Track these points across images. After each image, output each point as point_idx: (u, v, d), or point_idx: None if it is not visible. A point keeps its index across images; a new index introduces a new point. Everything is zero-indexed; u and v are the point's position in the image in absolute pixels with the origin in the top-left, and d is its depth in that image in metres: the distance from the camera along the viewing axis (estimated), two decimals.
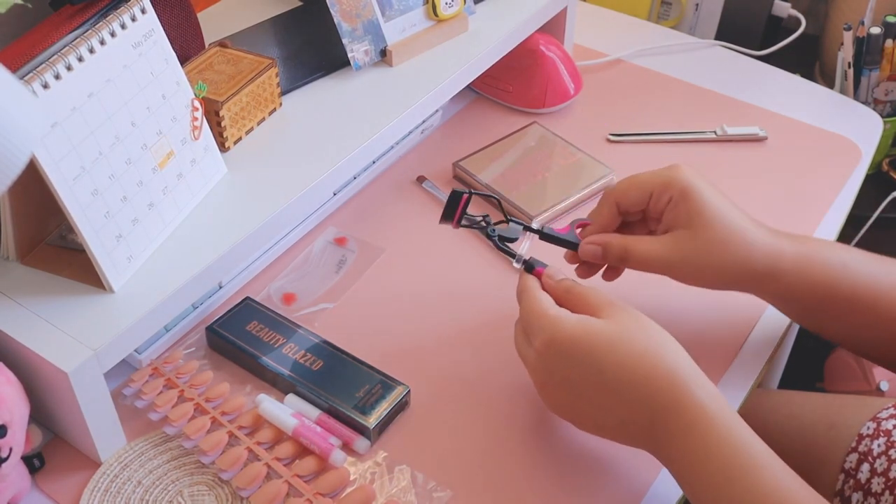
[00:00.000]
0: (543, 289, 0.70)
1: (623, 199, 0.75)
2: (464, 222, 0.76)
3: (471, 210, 0.76)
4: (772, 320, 0.83)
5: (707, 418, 0.61)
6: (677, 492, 0.70)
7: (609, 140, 1.02)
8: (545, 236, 0.77)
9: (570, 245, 0.77)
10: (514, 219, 0.76)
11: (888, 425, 0.80)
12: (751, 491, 0.59)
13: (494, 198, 0.78)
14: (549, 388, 0.67)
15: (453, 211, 0.75)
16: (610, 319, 0.65)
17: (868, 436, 0.80)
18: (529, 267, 0.72)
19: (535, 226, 0.77)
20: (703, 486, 0.61)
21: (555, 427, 0.74)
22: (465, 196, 0.75)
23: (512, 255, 0.74)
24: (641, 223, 0.77)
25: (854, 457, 0.80)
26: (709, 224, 0.71)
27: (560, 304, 0.68)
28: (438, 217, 0.75)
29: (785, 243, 0.72)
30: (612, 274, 0.78)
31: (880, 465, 0.78)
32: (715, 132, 1.02)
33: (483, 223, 0.76)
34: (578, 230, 0.77)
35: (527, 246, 0.75)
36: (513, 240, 0.75)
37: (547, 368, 0.66)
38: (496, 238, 0.75)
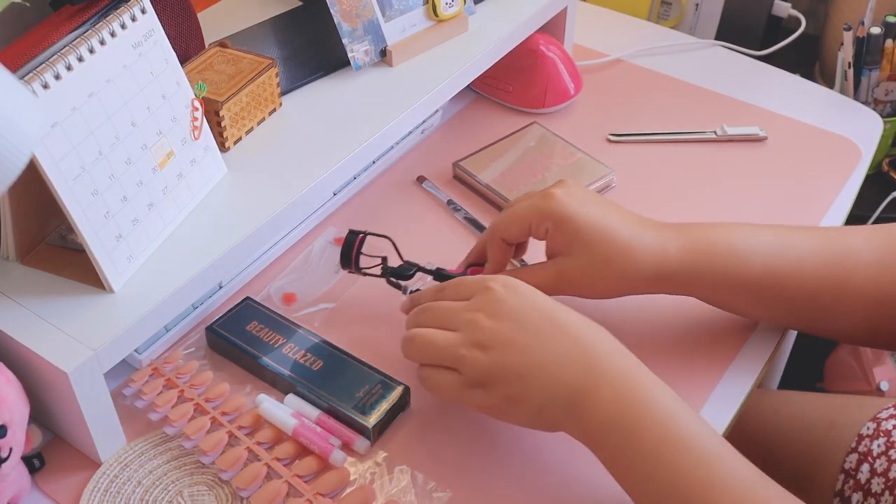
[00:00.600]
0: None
1: (506, 234, 0.76)
2: (361, 266, 0.81)
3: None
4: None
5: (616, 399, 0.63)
6: None
7: (609, 140, 1.02)
8: (439, 277, 0.80)
9: None
10: (409, 260, 0.81)
11: (888, 425, 0.80)
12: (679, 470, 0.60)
13: (389, 238, 0.82)
14: (499, 356, 0.66)
15: (350, 252, 0.80)
16: (508, 288, 0.67)
17: (868, 436, 0.80)
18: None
19: (428, 267, 0.80)
20: (634, 473, 0.62)
21: None
22: (360, 237, 0.80)
23: (399, 287, 0.80)
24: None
25: (854, 457, 0.80)
26: (586, 247, 0.73)
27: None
28: (439, 217, 0.76)
29: (671, 243, 0.73)
30: None
31: (880, 465, 0.78)
32: (715, 132, 1.02)
33: (380, 266, 0.80)
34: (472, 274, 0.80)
35: (419, 284, 0.80)
36: (407, 277, 0.80)
37: (498, 333, 0.65)
38: (388, 275, 0.80)
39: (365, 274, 0.81)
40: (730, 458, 0.60)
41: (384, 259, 0.81)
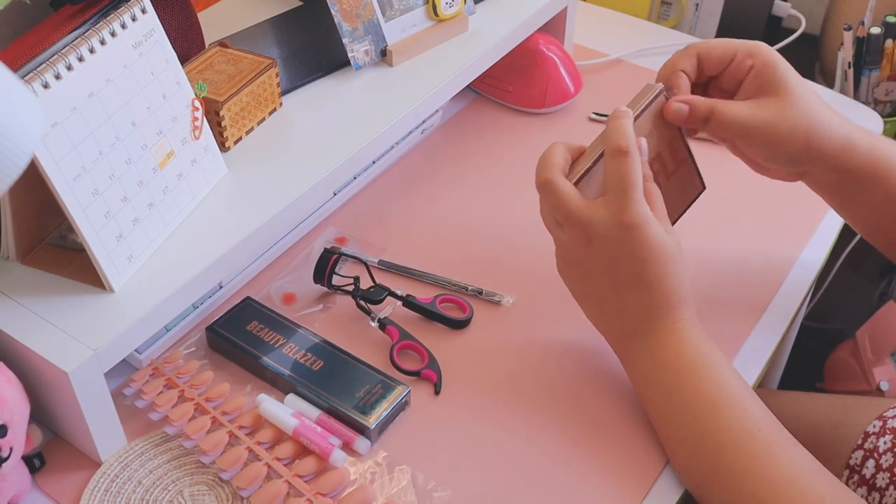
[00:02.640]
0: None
1: (706, 54, 0.76)
2: (334, 284, 0.82)
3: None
4: (772, 321, 0.83)
5: (683, 334, 0.70)
6: (676, 493, 0.70)
7: (591, 119, 1.03)
8: (408, 304, 0.82)
9: (431, 315, 0.82)
10: (380, 284, 0.83)
11: (895, 423, 0.80)
12: (699, 385, 0.68)
13: (363, 261, 0.84)
14: (584, 254, 0.71)
15: (324, 270, 0.82)
16: (673, 236, 0.70)
17: (874, 433, 0.80)
18: (382, 325, 0.80)
19: (398, 293, 0.82)
20: (660, 384, 0.70)
21: (555, 427, 0.74)
22: (334, 257, 0.82)
23: (368, 312, 0.81)
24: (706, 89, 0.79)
25: (859, 454, 0.80)
26: (793, 93, 0.73)
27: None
28: (441, 218, 0.76)
29: (857, 133, 0.75)
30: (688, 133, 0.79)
31: (886, 461, 0.78)
32: None
33: (352, 286, 0.82)
34: (441, 304, 0.82)
35: (389, 309, 0.81)
36: (377, 302, 0.81)
37: (600, 240, 0.70)
38: (358, 297, 0.81)
39: (337, 291, 0.83)
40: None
41: (356, 280, 0.82)
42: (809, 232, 0.92)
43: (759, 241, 0.91)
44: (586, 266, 0.72)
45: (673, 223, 0.76)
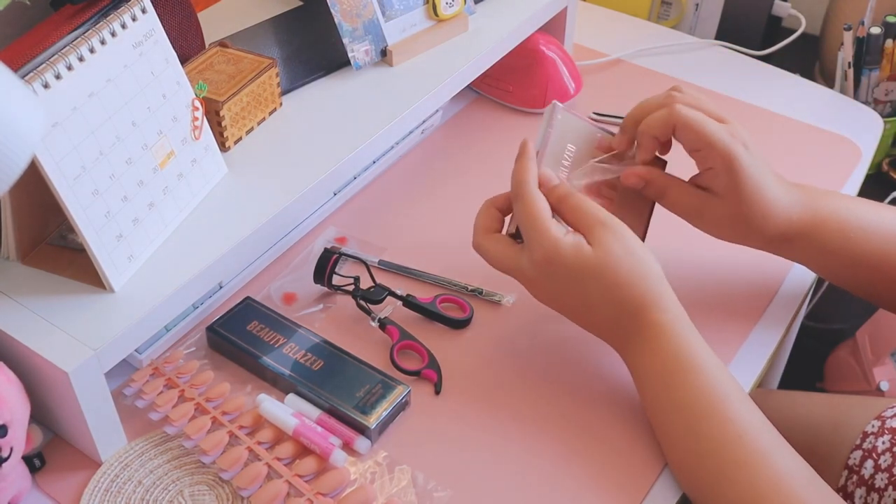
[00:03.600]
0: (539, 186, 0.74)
1: (680, 133, 0.76)
2: (334, 284, 0.83)
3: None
4: (772, 321, 0.83)
5: (662, 336, 0.70)
6: (676, 493, 0.70)
7: (591, 119, 1.03)
8: (408, 304, 0.82)
9: (431, 315, 0.82)
10: (380, 284, 0.83)
11: (893, 423, 0.80)
12: (686, 390, 0.69)
13: (363, 261, 0.84)
14: (539, 290, 0.74)
15: (324, 270, 0.82)
16: (599, 247, 0.70)
17: (873, 433, 0.80)
18: (382, 325, 0.80)
19: (398, 293, 0.82)
20: (651, 388, 0.71)
21: (555, 427, 0.74)
22: (334, 257, 0.82)
23: (368, 312, 0.80)
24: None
25: (858, 454, 0.80)
26: (739, 199, 0.75)
27: (554, 209, 0.73)
28: (441, 218, 0.76)
29: (795, 212, 0.77)
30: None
31: (884, 461, 0.78)
32: None
33: (352, 286, 0.82)
34: (441, 304, 0.82)
35: (389, 309, 0.81)
36: (377, 302, 0.82)
37: (539, 279, 0.72)
38: (359, 297, 0.81)
39: (337, 290, 0.83)
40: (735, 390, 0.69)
41: (356, 279, 0.82)
42: None
43: None
44: (549, 299, 0.74)
45: (643, 235, 0.79)
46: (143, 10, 0.72)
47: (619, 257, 0.70)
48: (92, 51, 0.68)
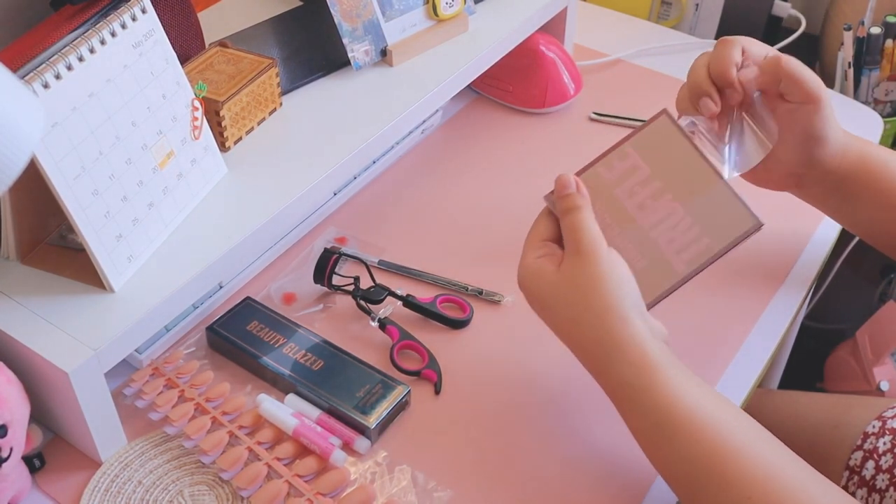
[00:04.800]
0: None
1: (748, 50, 0.74)
2: (334, 284, 0.83)
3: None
4: (772, 320, 0.83)
5: (633, 399, 0.64)
6: (674, 498, 0.70)
7: (591, 119, 1.03)
8: (408, 304, 0.82)
9: (431, 315, 0.82)
10: (380, 284, 0.82)
11: (894, 424, 0.80)
12: (677, 455, 0.62)
13: (363, 261, 0.84)
14: (530, 305, 0.71)
15: (324, 270, 0.82)
16: (563, 273, 0.66)
17: (873, 434, 0.80)
18: (382, 325, 0.79)
19: (398, 293, 0.82)
20: (644, 447, 0.65)
21: (554, 428, 0.74)
22: (334, 257, 0.82)
23: (368, 312, 0.80)
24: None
25: (859, 454, 0.80)
26: (823, 105, 0.73)
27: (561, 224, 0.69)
28: (441, 218, 0.76)
29: (851, 146, 0.77)
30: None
31: (885, 462, 0.78)
32: None
33: (352, 286, 0.82)
34: (441, 304, 0.82)
35: (389, 309, 0.81)
36: (377, 301, 0.81)
37: (523, 293, 0.70)
38: (359, 297, 0.81)
39: (337, 290, 0.83)
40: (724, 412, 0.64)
41: (356, 280, 0.82)
42: (809, 232, 0.92)
43: (759, 241, 0.90)
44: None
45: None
46: (143, 10, 0.72)
47: (576, 290, 0.66)
48: (92, 51, 0.68)
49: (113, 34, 0.70)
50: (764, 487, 0.59)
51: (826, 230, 0.92)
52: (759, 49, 0.75)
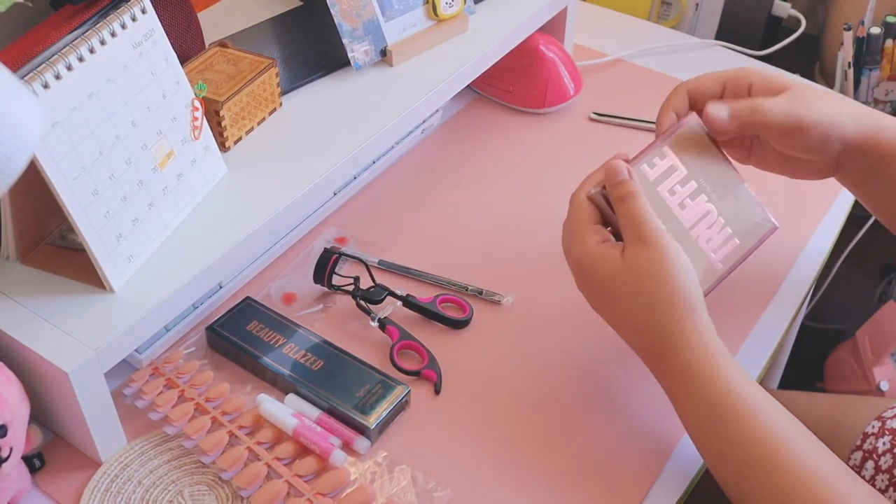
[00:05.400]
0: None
1: (696, 87, 0.75)
2: (334, 284, 0.83)
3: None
4: (772, 320, 0.83)
5: (691, 381, 0.66)
6: (676, 494, 0.70)
7: (591, 119, 1.03)
8: (408, 304, 0.82)
9: (431, 315, 0.81)
10: (380, 284, 0.82)
11: (893, 424, 0.80)
12: (728, 441, 0.64)
13: (363, 261, 0.84)
14: (583, 290, 0.72)
15: (324, 270, 0.82)
16: (627, 263, 0.67)
17: (873, 434, 0.80)
18: (382, 325, 0.79)
19: (398, 293, 0.82)
20: (693, 433, 0.67)
21: (554, 428, 0.74)
22: (334, 257, 0.82)
23: (368, 312, 0.80)
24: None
25: (859, 455, 0.80)
26: (803, 84, 0.73)
27: (612, 207, 0.69)
28: (441, 218, 0.76)
29: (849, 119, 0.74)
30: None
31: (885, 462, 0.78)
32: None
33: (352, 286, 0.82)
34: (441, 304, 0.82)
35: (389, 309, 0.81)
36: (377, 301, 0.81)
37: (578, 278, 0.71)
38: (358, 297, 0.81)
39: (337, 290, 0.83)
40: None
41: (356, 280, 0.82)
42: (809, 232, 0.92)
43: None
44: (594, 307, 0.72)
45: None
46: (143, 11, 0.72)
47: (643, 278, 0.66)
48: (92, 51, 0.68)
49: (113, 34, 0.70)
50: (808, 478, 0.61)
51: (826, 230, 0.92)
52: (710, 84, 0.75)
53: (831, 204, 0.94)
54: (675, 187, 0.73)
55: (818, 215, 0.93)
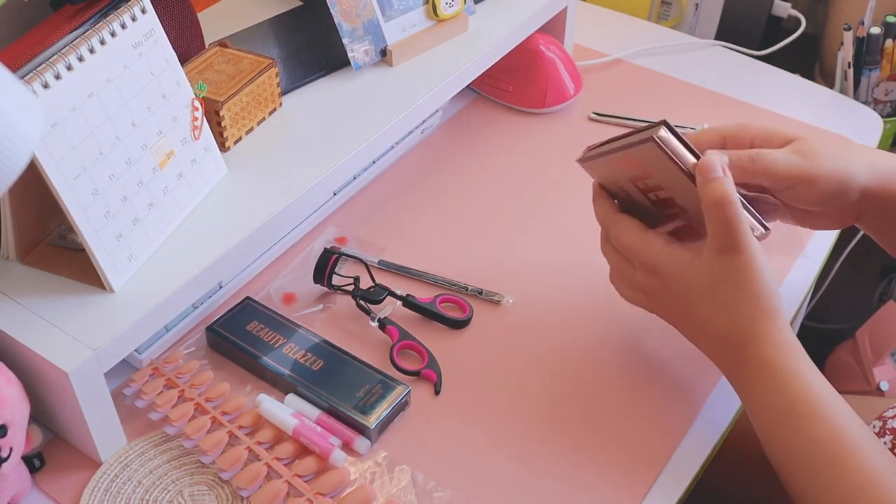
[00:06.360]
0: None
1: (696, 139, 0.73)
2: (334, 284, 0.83)
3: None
4: None
5: (770, 375, 0.66)
6: (677, 492, 0.70)
7: (591, 118, 1.03)
8: (408, 304, 0.82)
9: (431, 315, 0.81)
10: (380, 284, 0.82)
11: (894, 424, 0.80)
12: (801, 438, 0.65)
13: (363, 261, 0.84)
14: (653, 303, 0.73)
15: (324, 270, 0.82)
16: (712, 267, 0.67)
17: (874, 434, 0.80)
18: (382, 325, 0.79)
19: (398, 293, 0.82)
20: (764, 430, 0.67)
21: (554, 427, 0.74)
22: (334, 257, 0.82)
23: (368, 312, 0.80)
24: None
25: None
26: (813, 136, 0.72)
27: (703, 202, 0.67)
28: (441, 218, 0.76)
29: (861, 169, 0.73)
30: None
31: None
32: (695, 129, 1.02)
33: (352, 286, 0.82)
34: (441, 304, 0.82)
35: (389, 309, 0.81)
36: (377, 302, 0.81)
37: (650, 290, 0.72)
38: (358, 297, 0.81)
39: (337, 290, 0.83)
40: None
41: (356, 280, 0.82)
42: (809, 232, 0.92)
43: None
44: (661, 311, 0.74)
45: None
46: (143, 11, 0.72)
47: (730, 284, 0.67)
48: (92, 51, 0.68)
49: (113, 34, 0.70)
50: (876, 480, 0.62)
51: (826, 230, 0.92)
52: (708, 137, 0.75)
53: None
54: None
55: None
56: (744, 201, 0.68)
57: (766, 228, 0.70)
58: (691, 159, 0.68)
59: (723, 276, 0.67)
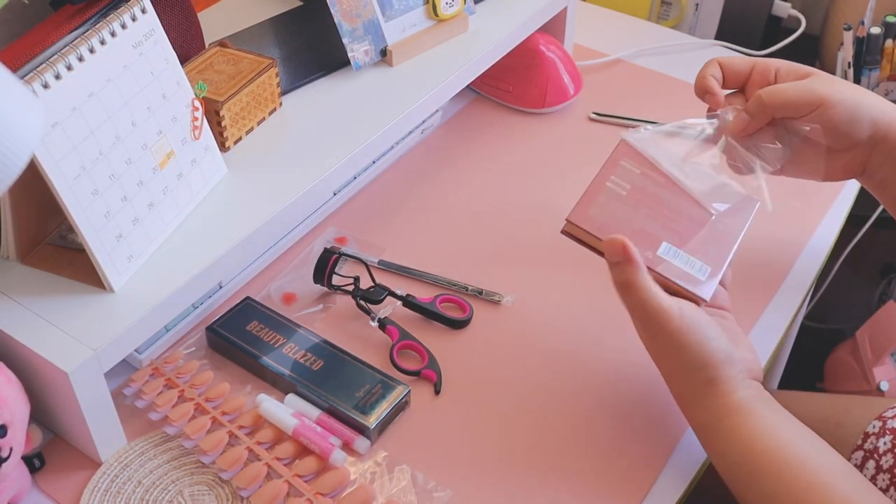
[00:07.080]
0: None
1: (727, 63, 0.78)
2: (334, 284, 0.83)
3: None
4: (772, 320, 0.83)
5: (712, 435, 0.67)
6: (675, 495, 0.70)
7: (591, 118, 1.03)
8: (408, 304, 0.82)
9: (431, 315, 0.81)
10: (380, 284, 0.82)
11: (894, 423, 0.80)
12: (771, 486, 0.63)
13: (363, 261, 0.84)
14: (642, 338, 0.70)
15: (324, 270, 0.82)
16: (647, 346, 0.69)
17: (874, 434, 0.81)
18: (382, 325, 0.79)
19: (398, 293, 0.82)
20: (730, 479, 0.67)
21: (554, 427, 0.74)
22: (334, 257, 0.82)
23: (368, 312, 0.80)
24: None
25: (860, 454, 0.81)
26: (825, 71, 0.76)
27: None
28: (441, 218, 0.76)
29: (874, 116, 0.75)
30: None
31: (886, 462, 0.78)
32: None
33: (352, 286, 0.82)
34: (441, 304, 0.82)
35: (389, 309, 0.81)
36: (377, 301, 0.81)
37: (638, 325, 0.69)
38: (358, 297, 0.81)
39: (337, 290, 0.83)
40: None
41: (356, 280, 0.82)
42: (809, 232, 0.92)
43: (759, 241, 0.91)
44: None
45: None
46: (143, 10, 0.72)
47: (671, 357, 0.67)
48: (92, 51, 0.68)
49: (113, 34, 0.70)
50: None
51: (826, 230, 0.92)
52: (740, 62, 0.79)
53: (831, 204, 0.94)
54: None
55: (818, 215, 0.93)
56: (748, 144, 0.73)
57: (772, 167, 0.75)
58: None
59: (661, 352, 0.68)
